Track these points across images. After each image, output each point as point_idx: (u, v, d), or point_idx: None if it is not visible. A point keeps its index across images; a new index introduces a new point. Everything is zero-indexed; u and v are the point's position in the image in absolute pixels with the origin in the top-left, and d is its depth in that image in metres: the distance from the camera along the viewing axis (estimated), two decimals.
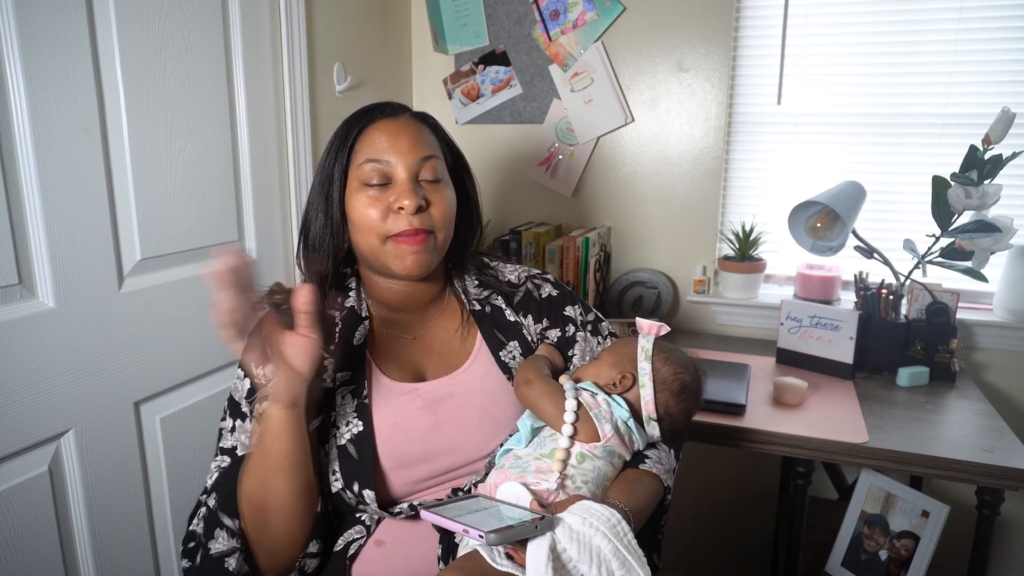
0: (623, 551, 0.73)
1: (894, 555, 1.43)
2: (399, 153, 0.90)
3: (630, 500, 0.84)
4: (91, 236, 1.11)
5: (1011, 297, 1.71)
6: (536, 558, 0.70)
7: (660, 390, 0.92)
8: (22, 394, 1.02)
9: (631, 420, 0.90)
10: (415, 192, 0.89)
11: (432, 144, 0.95)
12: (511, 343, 1.01)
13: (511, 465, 0.86)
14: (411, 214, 0.89)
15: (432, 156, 0.93)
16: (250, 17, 1.42)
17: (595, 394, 0.90)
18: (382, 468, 0.89)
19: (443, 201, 0.93)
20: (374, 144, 0.91)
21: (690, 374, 0.94)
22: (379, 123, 0.93)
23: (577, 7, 1.92)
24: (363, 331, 0.96)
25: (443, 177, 0.95)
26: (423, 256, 0.91)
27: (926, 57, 1.75)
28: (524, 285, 1.07)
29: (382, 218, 0.90)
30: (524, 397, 0.91)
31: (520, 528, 0.70)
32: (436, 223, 0.92)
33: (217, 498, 0.84)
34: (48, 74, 1.03)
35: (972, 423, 1.39)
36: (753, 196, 1.95)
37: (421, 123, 0.96)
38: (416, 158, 0.91)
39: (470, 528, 0.69)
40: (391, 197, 0.90)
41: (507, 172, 2.11)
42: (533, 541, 0.71)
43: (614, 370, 0.94)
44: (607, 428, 0.87)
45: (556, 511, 0.76)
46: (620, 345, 0.98)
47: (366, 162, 0.91)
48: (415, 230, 0.89)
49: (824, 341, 1.63)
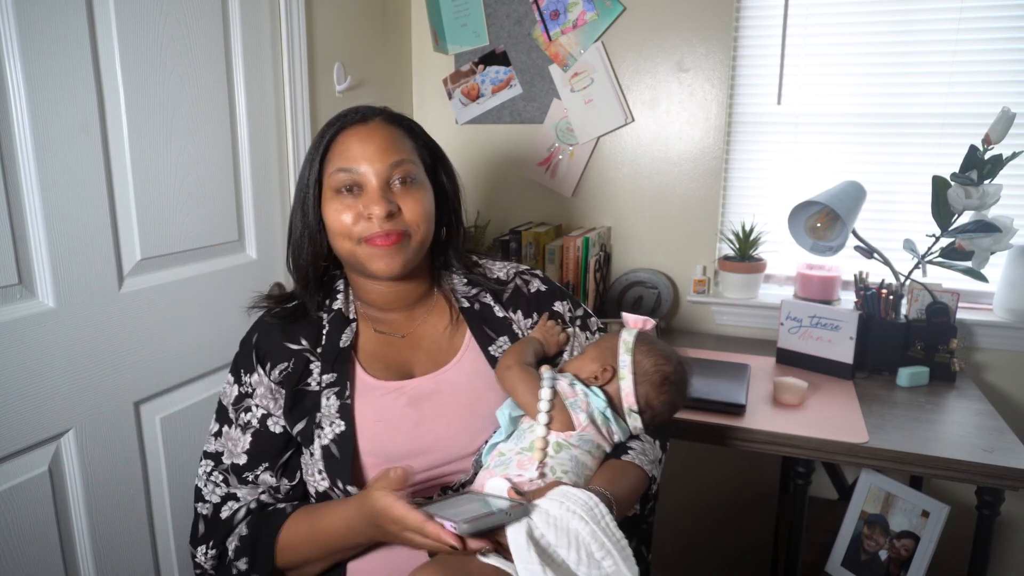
0: (600, 534, 0.73)
1: (894, 555, 1.43)
2: (368, 160, 0.91)
3: (612, 487, 0.85)
4: (91, 236, 1.11)
5: (1011, 297, 1.71)
6: (516, 545, 0.71)
7: (641, 382, 0.92)
8: (22, 394, 1.02)
9: (608, 411, 0.91)
10: (384, 199, 0.90)
11: (404, 147, 0.94)
12: (500, 338, 1.02)
13: (496, 463, 0.88)
14: (381, 219, 0.89)
15: (403, 161, 0.93)
16: (250, 17, 1.42)
17: (573, 384, 0.92)
18: (368, 465, 0.91)
19: (416, 203, 0.93)
20: (344, 152, 0.92)
21: (671, 366, 0.95)
22: (349, 130, 0.93)
23: (577, 7, 1.92)
24: (350, 333, 0.98)
25: (417, 178, 0.95)
26: (396, 257, 0.92)
27: (926, 57, 1.75)
28: (513, 281, 1.08)
29: (354, 223, 0.91)
30: (502, 380, 0.93)
31: (493, 516, 0.71)
32: (409, 225, 0.93)
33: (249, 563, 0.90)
34: (48, 74, 1.03)
35: (972, 423, 1.39)
36: (753, 196, 1.95)
37: (394, 126, 0.96)
38: (386, 164, 0.91)
39: (445, 521, 0.70)
40: (361, 204, 0.91)
41: (507, 172, 2.11)
42: (511, 528, 0.72)
43: (595, 363, 0.95)
44: (582, 418, 0.88)
45: (535, 497, 0.77)
46: (604, 339, 0.99)
47: (337, 171, 0.92)
48: (385, 232, 0.90)
49: (824, 341, 1.63)
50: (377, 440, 0.91)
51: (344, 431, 0.90)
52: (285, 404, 0.93)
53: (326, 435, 0.90)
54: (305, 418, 0.92)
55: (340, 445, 0.90)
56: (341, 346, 0.96)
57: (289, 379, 0.94)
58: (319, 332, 0.97)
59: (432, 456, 0.92)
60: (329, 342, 0.96)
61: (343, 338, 0.96)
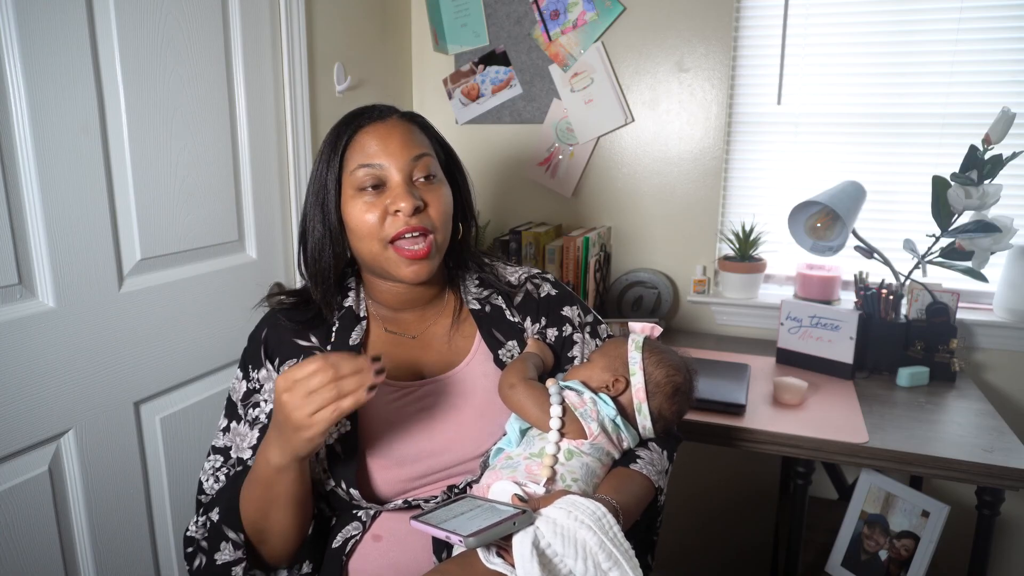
0: (608, 544, 0.73)
1: (894, 555, 1.43)
2: (390, 155, 0.90)
3: (619, 496, 0.84)
4: (91, 236, 1.11)
5: (1011, 297, 1.71)
6: (521, 555, 0.70)
7: (654, 393, 0.92)
8: (22, 394, 1.02)
9: (619, 418, 0.90)
10: (410, 193, 0.89)
11: (423, 142, 0.94)
12: (510, 342, 1.01)
13: (503, 466, 0.86)
14: (408, 215, 0.88)
15: (424, 154, 0.92)
16: (250, 17, 1.42)
17: (581, 393, 0.91)
18: (375, 467, 0.90)
19: (440, 200, 0.93)
20: (365, 149, 0.91)
21: (682, 376, 0.95)
22: (368, 127, 0.92)
23: (577, 7, 1.92)
24: (360, 331, 0.97)
25: (437, 174, 0.94)
26: (425, 265, 0.91)
27: (926, 57, 1.75)
28: (524, 286, 1.07)
29: (380, 222, 0.89)
30: (508, 400, 0.91)
31: (499, 527, 0.70)
32: (435, 223, 0.91)
33: (220, 512, 0.86)
34: (48, 74, 1.03)
35: (972, 423, 1.39)
36: (753, 196, 1.95)
37: (410, 123, 0.95)
38: (408, 158, 0.90)
39: (451, 534, 0.69)
40: (387, 200, 0.90)
41: (507, 172, 2.11)
42: (516, 537, 0.71)
43: (606, 373, 0.94)
44: (594, 427, 0.88)
45: (542, 505, 0.76)
46: (611, 347, 0.98)
47: (358, 168, 0.90)
48: (413, 228, 0.89)
49: (824, 341, 1.63)
50: (386, 441, 0.91)
51: (349, 432, 0.90)
52: None
53: (331, 435, 0.90)
54: None
55: (344, 445, 0.89)
56: (350, 344, 0.95)
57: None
58: (329, 330, 0.97)
59: (441, 458, 0.92)
60: (339, 341, 0.95)
61: (353, 336, 0.95)
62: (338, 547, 0.90)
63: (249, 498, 0.84)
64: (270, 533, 0.84)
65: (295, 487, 0.81)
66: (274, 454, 0.78)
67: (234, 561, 0.84)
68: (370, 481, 0.90)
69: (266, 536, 0.85)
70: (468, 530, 0.69)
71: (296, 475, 0.80)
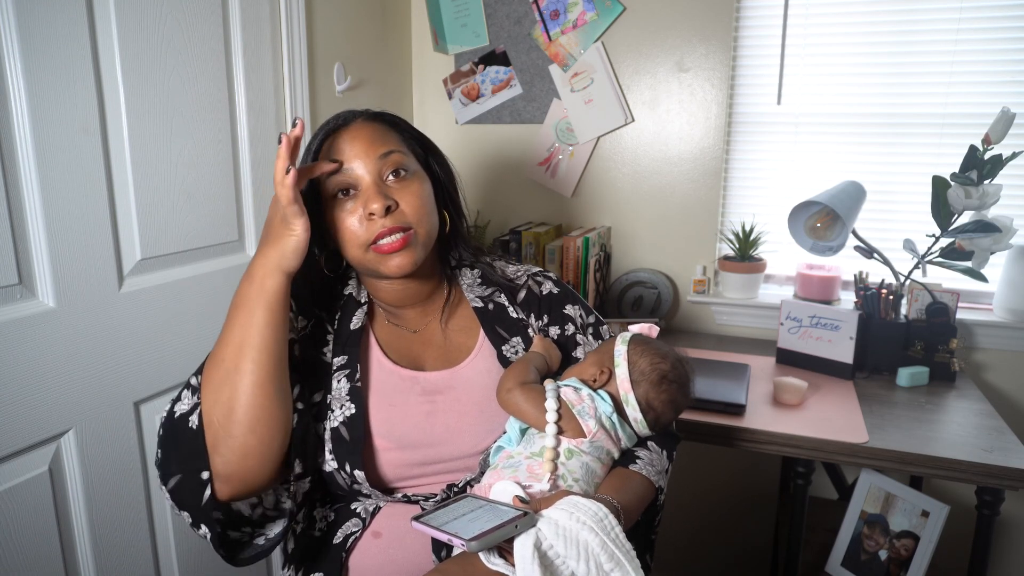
0: (610, 545, 0.73)
1: (894, 555, 1.43)
2: (356, 157, 0.90)
3: (620, 496, 0.84)
4: (91, 236, 1.11)
5: (1011, 297, 1.71)
6: (522, 557, 0.70)
7: (639, 382, 0.92)
8: (22, 394, 1.02)
9: (615, 415, 0.90)
10: (380, 193, 0.88)
11: (391, 139, 0.93)
12: (514, 339, 1.01)
13: (504, 465, 0.87)
14: (381, 216, 0.88)
15: (392, 151, 0.91)
16: (250, 17, 1.42)
17: (578, 390, 0.91)
18: (378, 448, 0.91)
19: (413, 195, 0.91)
20: (330, 156, 0.91)
21: (668, 363, 0.94)
22: (333, 135, 0.92)
23: (577, 7, 1.92)
24: (361, 315, 0.97)
25: (410, 168, 0.93)
26: (407, 255, 0.90)
27: (926, 57, 1.75)
28: (526, 284, 1.07)
29: (360, 226, 0.89)
30: (505, 405, 0.92)
31: (501, 530, 0.70)
32: (411, 219, 0.90)
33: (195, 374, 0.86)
34: (48, 74, 1.03)
35: (972, 423, 1.39)
36: (753, 196, 1.95)
37: (376, 122, 0.95)
38: (374, 157, 0.90)
39: (453, 537, 0.69)
40: (360, 204, 0.90)
41: (507, 172, 2.11)
42: (518, 539, 0.71)
43: (594, 367, 0.95)
44: (591, 424, 0.88)
45: (544, 506, 0.76)
46: (603, 345, 1.00)
47: (329, 175, 0.90)
48: (390, 229, 0.88)
49: (824, 341, 1.63)
50: (389, 423, 0.92)
51: (354, 414, 0.90)
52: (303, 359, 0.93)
53: (336, 417, 0.90)
54: (320, 391, 0.92)
55: (350, 428, 0.90)
56: (352, 328, 0.95)
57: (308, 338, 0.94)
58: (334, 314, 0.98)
59: (442, 449, 0.92)
60: (342, 324, 0.96)
61: (354, 320, 0.96)
62: (339, 543, 0.91)
63: (224, 340, 0.82)
64: (239, 389, 0.80)
65: (270, 330, 0.81)
66: (258, 262, 0.82)
67: (190, 409, 0.83)
68: (374, 462, 0.90)
69: (234, 404, 0.80)
70: (470, 533, 0.69)
71: (276, 296, 0.81)
